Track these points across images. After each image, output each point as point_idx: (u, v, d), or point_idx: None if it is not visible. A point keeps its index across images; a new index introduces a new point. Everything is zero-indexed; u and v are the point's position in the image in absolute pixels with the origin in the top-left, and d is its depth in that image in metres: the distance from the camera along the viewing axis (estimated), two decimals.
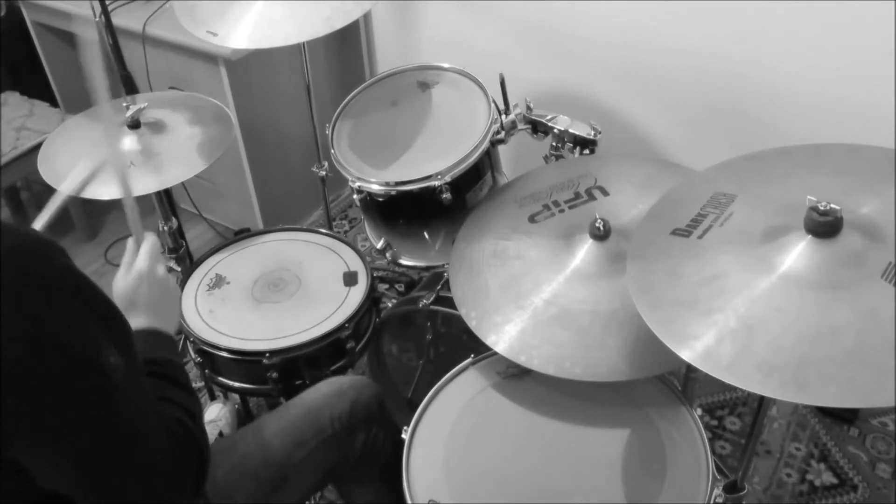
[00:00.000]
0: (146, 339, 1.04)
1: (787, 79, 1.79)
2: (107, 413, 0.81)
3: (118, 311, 0.86)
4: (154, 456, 0.85)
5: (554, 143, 1.66)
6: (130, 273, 1.09)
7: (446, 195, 1.50)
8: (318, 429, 1.25)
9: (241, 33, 1.61)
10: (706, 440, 1.17)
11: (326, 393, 1.30)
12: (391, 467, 1.22)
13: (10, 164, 2.33)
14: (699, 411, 1.22)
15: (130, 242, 1.15)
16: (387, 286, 2.13)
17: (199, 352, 1.53)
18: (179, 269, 1.80)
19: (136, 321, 1.05)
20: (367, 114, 1.68)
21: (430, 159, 1.53)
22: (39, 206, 2.68)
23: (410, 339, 1.78)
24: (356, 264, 1.64)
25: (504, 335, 1.23)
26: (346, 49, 2.52)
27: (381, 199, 1.56)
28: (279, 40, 1.59)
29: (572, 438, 1.21)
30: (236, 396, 1.91)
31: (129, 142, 1.52)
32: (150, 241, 1.14)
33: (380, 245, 1.66)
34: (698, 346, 0.92)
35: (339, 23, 1.60)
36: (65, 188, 1.37)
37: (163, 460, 0.86)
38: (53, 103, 2.67)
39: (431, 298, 1.56)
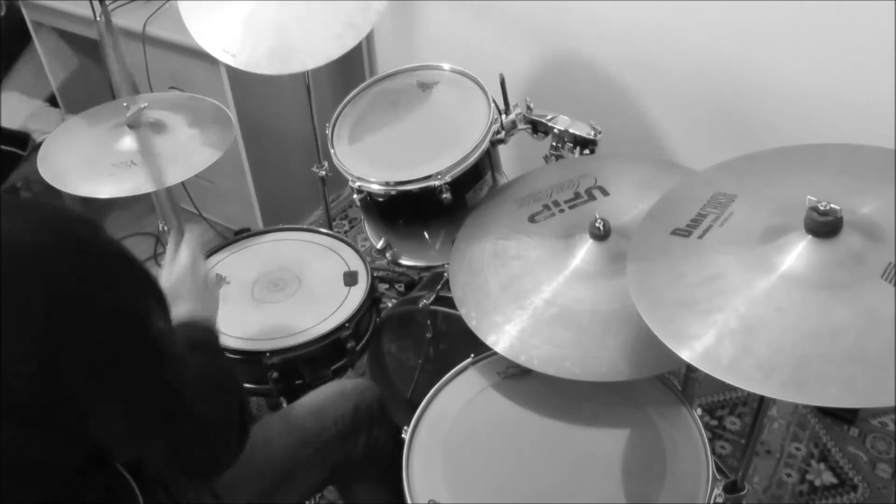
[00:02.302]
0: (189, 328, 1.08)
1: (788, 79, 1.79)
2: (160, 371, 0.85)
3: (158, 284, 0.89)
4: (203, 413, 0.91)
5: (554, 143, 1.66)
6: (174, 267, 1.16)
7: (446, 195, 1.50)
8: (321, 429, 1.27)
9: (259, 58, 1.63)
10: (706, 440, 1.17)
11: (330, 394, 1.32)
12: (391, 468, 1.22)
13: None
14: (699, 411, 1.22)
15: (172, 238, 1.22)
16: (387, 286, 2.13)
17: None
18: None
19: (180, 311, 1.09)
20: (367, 114, 1.68)
21: (430, 159, 1.53)
22: None
23: (410, 338, 1.78)
24: (356, 264, 1.64)
25: (504, 335, 1.23)
26: None
27: (381, 199, 1.56)
28: (296, 66, 1.63)
29: (572, 438, 1.21)
30: None
31: (129, 142, 1.52)
32: (191, 238, 1.19)
33: (380, 245, 1.66)
34: (698, 346, 0.92)
35: (351, 42, 1.64)
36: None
37: (211, 417, 0.92)
38: (53, 103, 2.67)
39: (431, 298, 1.56)
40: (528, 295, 1.27)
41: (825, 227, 0.95)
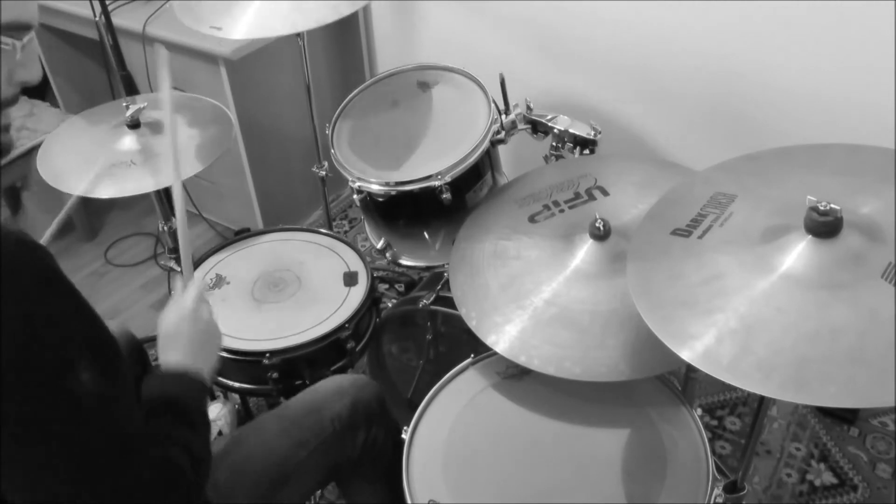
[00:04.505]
0: (174, 379, 1.03)
1: (788, 79, 1.79)
2: (77, 434, 0.78)
3: (102, 329, 0.84)
4: (126, 486, 0.82)
5: (554, 143, 1.66)
6: (176, 309, 1.11)
7: (446, 195, 1.50)
8: (318, 428, 1.25)
9: (245, 25, 1.59)
10: (706, 440, 1.17)
11: (327, 392, 1.30)
12: (392, 466, 1.22)
13: (10, 164, 2.33)
14: (699, 411, 1.22)
15: (180, 280, 1.19)
16: (387, 286, 2.13)
17: None
18: (180, 269, 1.79)
19: (172, 357, 1.05)
20: (367, 114, 1.68)
21: (430, 159, 1.53)
22: (40, 206, 2.66)
23: (410, 338, 1.78)
24: (356, 264, 1.64)
25: (504, 335, 1.23)
26: (346, 49, 2.52)
27: (381, 199, 1.56)
28: (287, 28, 1.57)
29: (572, 438, 1.21)
30: (236, 396, 1.91)
31: (129, 142, 1.52)
32: (198, 283, 1.16)
33: (380, 245, 1.66)
34: (698, 346, 0.92)
35: (347, 9, 1.59)
36: (76, 190, 1.39)
37: (137, 494, 0.83)
38: (53, 103, 2.67)
39: (431, 298, 1.56)
40: (528, 295, 1.27)
41: (825, 227, 0.95)
